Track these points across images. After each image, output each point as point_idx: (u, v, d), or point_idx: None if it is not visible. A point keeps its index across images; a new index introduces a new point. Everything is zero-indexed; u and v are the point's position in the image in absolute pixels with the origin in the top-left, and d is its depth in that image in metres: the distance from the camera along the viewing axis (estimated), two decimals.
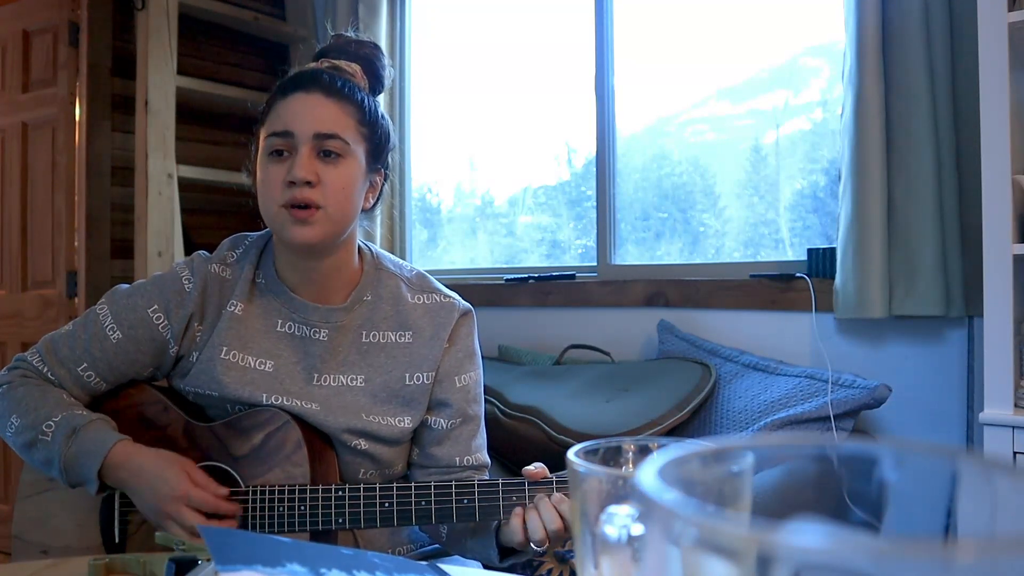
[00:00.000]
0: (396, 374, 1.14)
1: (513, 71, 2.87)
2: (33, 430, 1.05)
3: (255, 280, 1.15)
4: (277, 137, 1.05)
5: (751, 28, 2.37)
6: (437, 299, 1.18)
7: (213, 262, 1.15)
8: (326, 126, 1.04)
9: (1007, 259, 1.45)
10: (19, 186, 2.90)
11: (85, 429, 1.04)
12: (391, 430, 1.12)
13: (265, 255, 1.16)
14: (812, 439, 0.32)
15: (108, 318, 1.11)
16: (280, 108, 1.07)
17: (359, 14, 2.74)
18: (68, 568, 0.86)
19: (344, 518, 1.03)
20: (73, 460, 1.03)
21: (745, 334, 2.12)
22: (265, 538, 0.71)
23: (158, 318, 1.11)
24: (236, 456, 1.08)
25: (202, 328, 1.12)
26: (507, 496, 1.00)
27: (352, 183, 1.07)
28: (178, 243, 2.61)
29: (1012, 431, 1.43)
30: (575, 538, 0.44)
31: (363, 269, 1.17)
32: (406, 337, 1.15)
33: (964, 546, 0.20)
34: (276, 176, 1.05)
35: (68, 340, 1.12)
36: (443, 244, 3.08)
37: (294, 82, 1.08)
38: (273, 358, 1.12)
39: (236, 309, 1.12)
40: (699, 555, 0.23)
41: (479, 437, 1.19)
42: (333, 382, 1.12)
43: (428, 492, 1.03)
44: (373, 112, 1.11)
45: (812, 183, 2.31)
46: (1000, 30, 1.45)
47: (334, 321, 1.13)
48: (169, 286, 1.12)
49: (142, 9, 2.56)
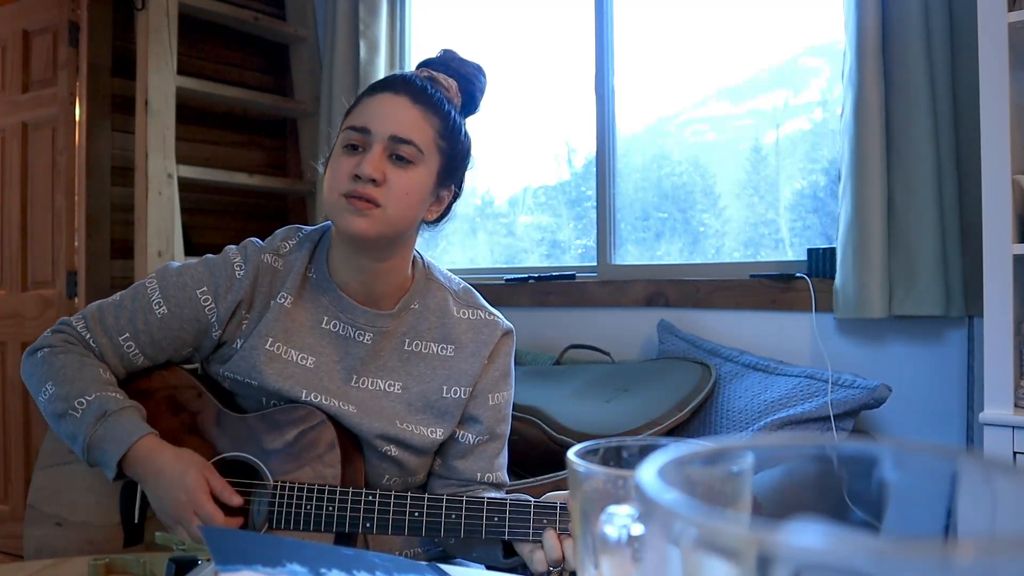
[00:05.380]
0: (434, 385, 1.14)
1: (513, 71, 2.88)
2: (65, 402, 1.05)
3: (307, 274, 1.14)
4: (354, 131, 1.05)
5: (751, 28, 2.37)
6: (482, 316, 1.18)
7: (266, 251, 1.14)
8: (403, 130, 1.04)
9: (1007, 259, 1.45)
10: (19, 186, 2.90)
11: (116, 415, 1.04)
12: (422, 440, 1.13)
13: (319, 250, 1.16)
14: (812, 439, 0.32)
15: (156, 292, 1.11)
16: (365, 104, 1.07)
17: (359, 14, 2.74)
18: (68, 568, 0.86)
19: (372, 523, 1.03)
20: (97, 444, 1.03)
21: (745, 334, 2.12)
22: (265, 538, 0.71)
23: (206, 300, 1.11)
24: (267, 449, 1.08)
25: (249, 316, 1.12)
26: (538, 519, 1.00)
27: (417, 191, 1.07)
28: (178, 243, 2.61)
29: (1012, 431, 1.43)
30: (575, 538, 0.44)
31: (414, 277, 1.17)
32: (448, 350, 1.15)
33: (964, 546, 0.20)
34: (345, 168, 1.05)
35: (114, 309, 1.12)
36: (443, 244, 3.08)
37: (385, 82, 1.09)
38: (315, 354, 1.12)
39: (286, 302, 1.12)
40: (699, 555, 0.23)
41: (502, 456, 1.21)
42: (371, 386, 1.13)
43: (459, 506, 1.02)
44: (456, 128, 1.11)
45: (812, 183, 2.31)
46: (1000, 30, 1.45)
47: (380, 326, 1.13)
48: (220, 270, 1.12)
49: (142, 9, 2.56)
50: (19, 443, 2.84)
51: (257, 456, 1.08)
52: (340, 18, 2.79)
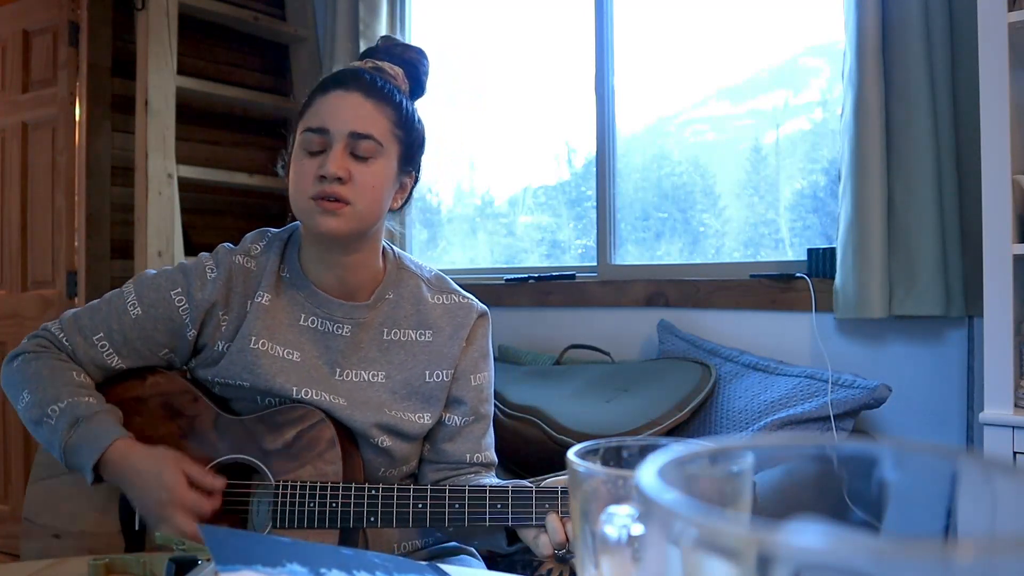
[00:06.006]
0: (416, 371, 1.16)
1: (513, 71, 2.88)
2: (40, 409, 1.07)
3: (280, 274, 1.16)
4: (313, 133, 1.07)
5: (751, 28, 2.37)
6: (456, 299, 1.20)
7: (237, 253, 1.16)
8: (361, 126, 1.06)
9: (1007, 259, 1.45)
10: (19, 186, 2.90)
11: (88, 421, 1.05)
12: (412, 426, 1.15)
13: (289, 249, 1.18)
14: (812, 439, 0.32)
15: (131, 295, 1.14)
16: (319, 104, 1.08)
17: (359, 14, 2.74)
18: (68, 568, 0.86)
19: (376, 517, 1.04)
20: (72, 450, 1.04)
21: (745, 334, 2.13)
22: (265, 538, 0.71)
23: (179, 300, 1.13)
24: (267, 450, 1.08)
25: (227, 318, 1.13)
26: (540, 504, 1.00)
27: (382, 183, 1.09)
28: (178, 243, 2.61)
29: (1012, 431, 1.43)
30: (575, 538, 0.44)
31: (386, 268, 1.19)
32: (426, 335, 1.17)
33: (964, 546, 0.20)
34: (309, 170, 1.07)
35: (90, 312, 1.15)
36: (443, 244, 3.08)
37: (335, 79, 1.10)
38: (299, 349, 1.13)
39: (263, 300, 1.13)
40: (699, 555, 0.23)
41: (488, 436, 1.22)
42: (355, 377, 1.14)
43: (463, 495, 1.03)
44: (410, 115, 1.13)
45: (812, 183, 2.31)
46: (1000, 30, 1.45)
47: (357, 318, 1.15)
48: (193, 272, 1.14)
49: (142, 9, 2.56)
50: (19, 443, 2.84)
51: (257, 458, 1.08)
52: (340, 18, 2.79)
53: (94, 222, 2.70)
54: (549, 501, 1.00)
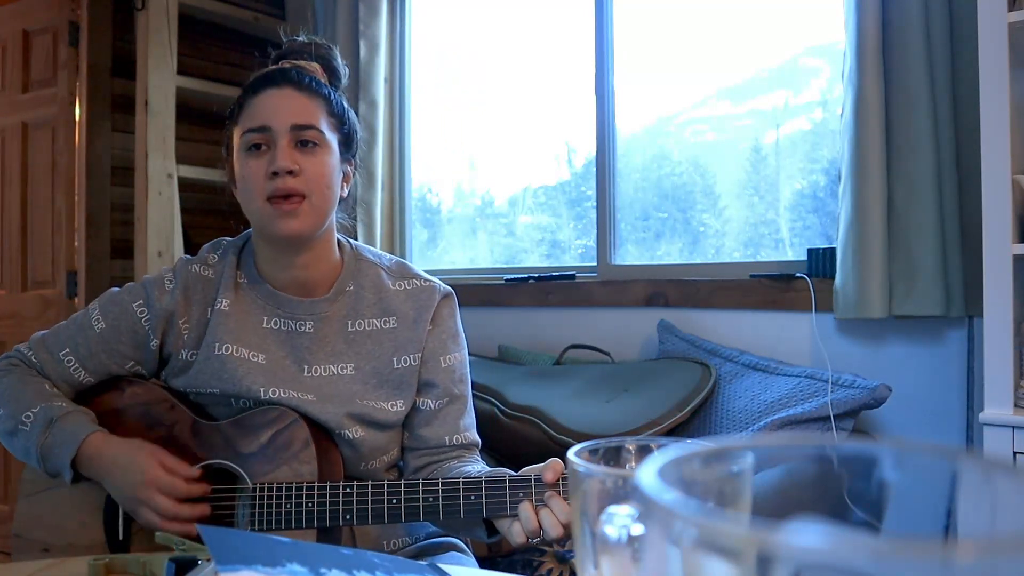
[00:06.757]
0: (384, 359, 1.16)
1: (513, 71, 2.88)
2: (14, 419, 1.09)
3: (238, 280, 1.18)
4: (254, 133, 1.09)
5: (751, 28, 2.37)
6: (417, 283, 1.21)
7: (194, 263, 1.19)
8: (302, 117, 1.09)
9: (1007, 259, 1.45)
10: (19, 186, 2.90)
11: (62, 420, 1.07)
12: (386, 414, 1.15)
13: (244, 256, 1.19)
14: (812, 439, 0.32)
15: (96, 311, 1.17)
16: (254, 105, 1.11)
17: (359, 14, 2.74)
18: (68, 568, 0.86)
19: (352, 515, 1.04)
20: (48, 451, 1.06)
21: (745, 334, 2.12)
22: (265, 538, 0.71)
23: (141, 312, 1.15)
24: (243, 454, 1.09)
25: (188, 326, 1.15)
26: (514, 493, 1.01)
27: (331, 172, 1.12)
28: (178, 243, 2.61)
29: (1012, 431, 1.43)
30: (575, 538, 0.44)
31: (343, 261, 1.20)
32: (390, 322, 1.18)
33: (964, 546, 0.20)
34: (257, 170, 1.08)
35: (55, 331, 1.19)
36: (443, 244, 3.08)
37: (264, 80, 1.13)
38: (264, 351, 1.14)
39: (223, 305, 1.15)
40: (699, 555, 0.23)
41: (467, 416, 1.21)
42: (324, 372, 1.15)
43: (436, 489, 1.03)
44: (340, 104, 1.17)
45: (812, 183, 2.31)
46: (1000, 30, 1.45)
47: (319, 313, 1.16)
48: (152, 284, 1.17)
49: (142, 9, 2.56)
50: None
51: (234, 461, 1.09)
52: (340, 18, 2.78)
53: (94, 222, 2.70)
54: (523, 490, 1.01)
